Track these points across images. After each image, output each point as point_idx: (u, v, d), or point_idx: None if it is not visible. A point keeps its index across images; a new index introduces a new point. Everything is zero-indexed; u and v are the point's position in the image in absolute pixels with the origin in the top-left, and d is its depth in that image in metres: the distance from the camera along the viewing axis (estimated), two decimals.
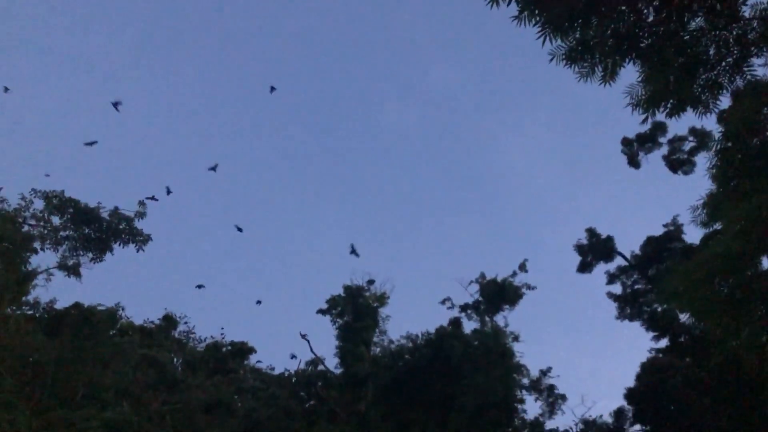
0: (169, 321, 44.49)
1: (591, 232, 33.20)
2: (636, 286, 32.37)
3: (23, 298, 31.38)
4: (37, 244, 29.92)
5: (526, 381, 33.07)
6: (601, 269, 33.84)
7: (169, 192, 30.16)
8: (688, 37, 9.34)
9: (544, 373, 33.70)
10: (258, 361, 45.69)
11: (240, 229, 31.70)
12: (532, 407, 35.27)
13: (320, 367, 38.64)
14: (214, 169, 28.04)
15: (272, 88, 28.12)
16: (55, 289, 31.47)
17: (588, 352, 69.43)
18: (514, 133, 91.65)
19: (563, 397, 33.18)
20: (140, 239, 29.99)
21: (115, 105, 22.82)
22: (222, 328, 52.35)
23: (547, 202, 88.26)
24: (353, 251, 35.46)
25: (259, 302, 37.71)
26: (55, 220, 29.92)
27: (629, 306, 31.63)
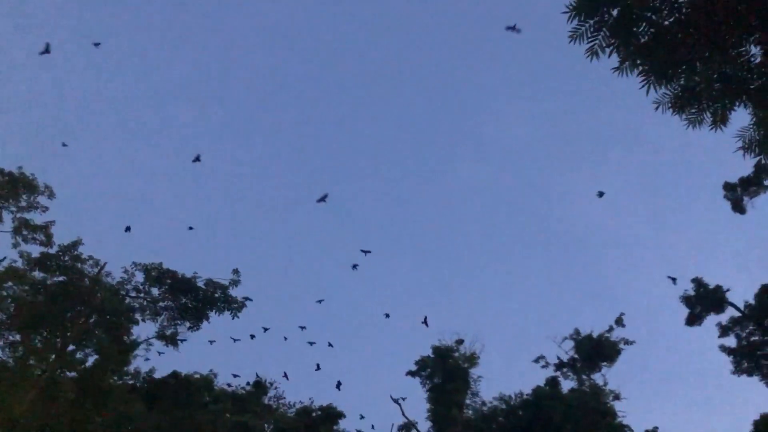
0: (260, 387, 44.91)
1: (698, 282, 31.44)
2: (752, 338, 30.38)
3: (125, 368, 32.41)
4: (138, 315, 31.16)
5: None
6: (712, 321, 31.87)
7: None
8: None
9: None
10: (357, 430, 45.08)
11: (366, 252, 30.61)
12: None
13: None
14: (323, 199, 26.84)
15: (324, 198, 27.15)
16: (154, 358, 32.32)
17: (698, 409, 65.03)
18: (591, 184, 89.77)
19: None
20: (235, 306, 30.77)
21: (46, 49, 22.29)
22: (311, 398, 52.14)
23: (635, 253, 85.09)
24: (425, 322, 35.00)
25: (318, 368, 37.04)
26: (154, 291, 31.19)
27: (746, 359, 29.66)
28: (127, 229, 29.08)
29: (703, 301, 30.23)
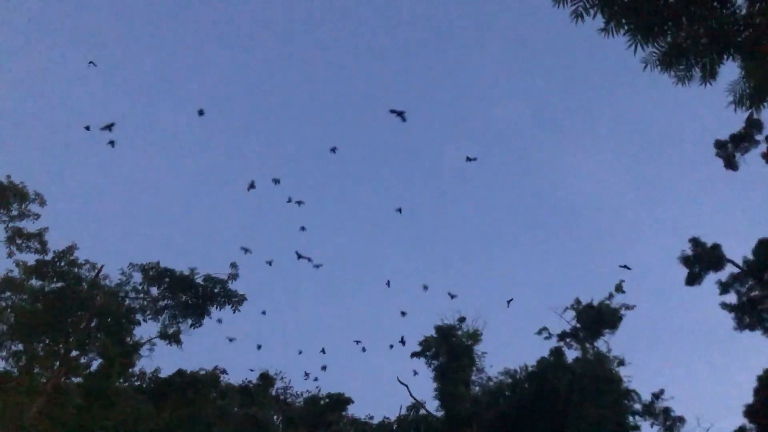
0: (266, 379, 45.06)
1: (695, 242, 31.41)
2: (753, 293, 30.44)
3: (130, 370, 32.40)
4: (138, 316, 31.10)
5: (638, 406, 31.50)
6: (711, 279, 31.76)
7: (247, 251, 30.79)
8: None
9: (657, 396, 31.96)
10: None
11: (400, 210, 31.19)
12: None
13: (421, 412, 38.06)
14: (293, 202, 28.60)
15: (333, 149, 28.41)
16: (158, 358, 32.39)
17: (703, 368, 65.55)
18: (582, 155, 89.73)
19: (681, 420, 31.35)
20: (236, 300, 30.75)
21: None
22: (318, 386, 52.36)
23: (632, 220, 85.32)
24: (401, 341, 35.25)
25: (323, 351, 36.80)
26: (154, 291, 31.13)
27: (747, 315, 29.75)
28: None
29: (702, 260, 30.27)
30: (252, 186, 27.84)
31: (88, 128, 27.05)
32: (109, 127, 26.00)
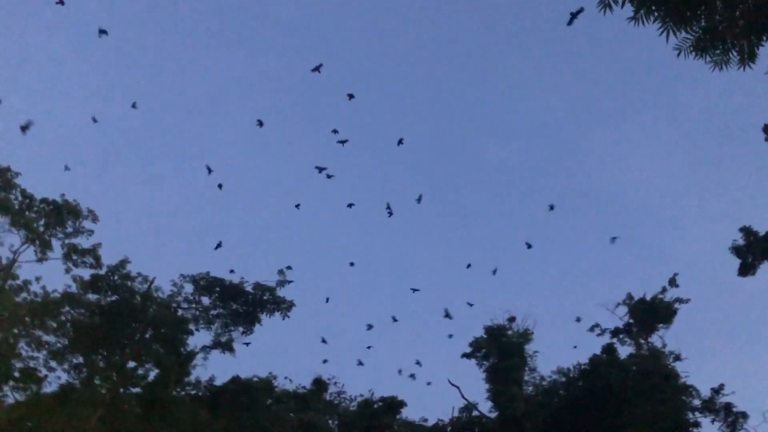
0: (320, 384, 45.41)
1: (747, 231, 30.21)
2: None
3: (185, 379, 33.09)
4: (191, 326, 31.79)
5: (697, 402, 30.58)
6: (766, 269, 30.53)
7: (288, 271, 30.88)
8: None
9: (717, 391, 30.92)
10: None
11: (419, 200, 30.50)
12: (710, 430, 32.40)
13: (474, 413, 37.76)
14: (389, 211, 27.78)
15: (400, 141, 27.77)
16: (212, 366, 32.95)
17: (764, 359, 63.08)
18: (628, 146, 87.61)
19: (744, 415, 30.25)
20: (284, 306, 31.15)
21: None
22: (371, 390, 52.45)
23: (680, 211, 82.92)
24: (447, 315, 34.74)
25: (369, 347, 36.16)
26: (205, 301, 31.79)
27: None
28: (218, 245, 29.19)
29: (755, 249, 29.20)
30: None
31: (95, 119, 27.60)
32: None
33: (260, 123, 26.07)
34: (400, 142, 27.54)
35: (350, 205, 29.19)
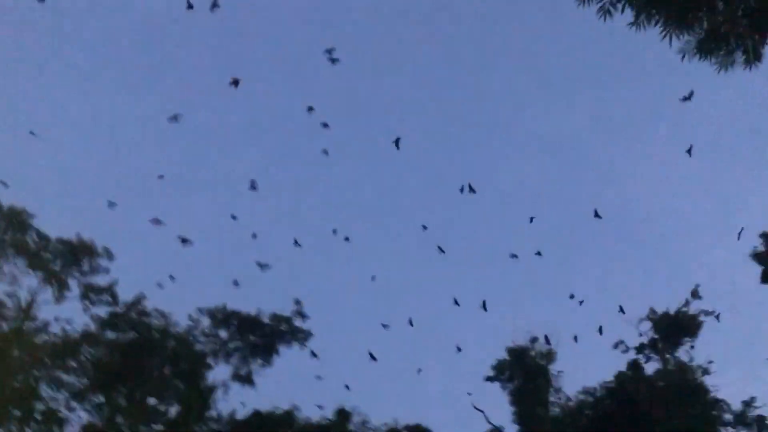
0: (342, 414, 44.96)
1: (767, 237, 29.90)
2: None
3: (207, 414, 32.87)
4: (210, 360, 31.67)
5: (729, 416, 29.90)
6: None
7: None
8: None
9: (748, 404, 30.26)
10: None
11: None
12: None
13: None
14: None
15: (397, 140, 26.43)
16: (233, 400, 32.61)
17: None
18: (640, 161, 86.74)
19: None
20: (301, 336, 31.01)
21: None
22: (395, 418, 51.70)
23: (699, 223, 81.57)
24: (484, 306, 33.29)
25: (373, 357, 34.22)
26: (222, 334, 31.70)
27: None
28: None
29: None
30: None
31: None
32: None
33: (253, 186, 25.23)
34: (396, 141, 25.46)
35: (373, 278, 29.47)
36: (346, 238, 28.20)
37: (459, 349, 30.93)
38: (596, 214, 26.85)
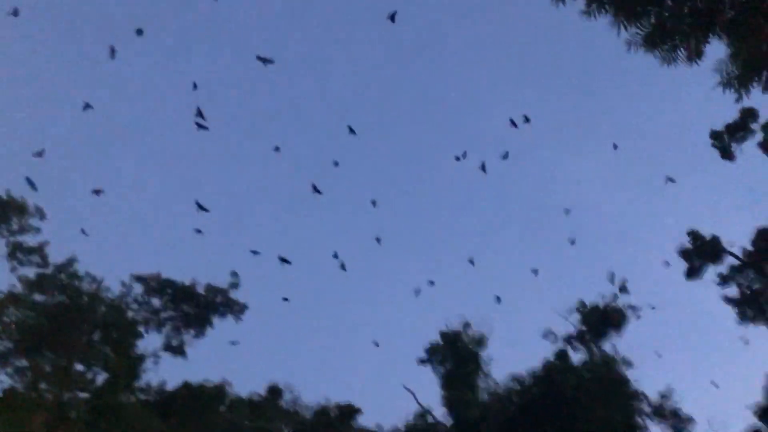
0: (275, 391, 44.85)
1: (694, 235, 31.09)
2: (754, 286, 30.14)
3: (135, 384, 32.29)
4: (141, 328, 31.07)
5: (647, 408, 31.18)
6: (712, 272, 31.55)
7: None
8: None
9: (665, 396, 31.66)
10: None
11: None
12: None
13: (429, 419, 37.73)
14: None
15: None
16: (163, 371, 32.11)
17: (710, 365, 64.75)
18: (576, 159, 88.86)
19: (690, 421, 31.00)
20: (237, 309, 30.71)
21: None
22: (326, 397, 52.07)
23: (630, 218, 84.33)
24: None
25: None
26: (155, 302, 31.10)
27: (750, 308, 29.42)
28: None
29: (701, 252, 29.99)
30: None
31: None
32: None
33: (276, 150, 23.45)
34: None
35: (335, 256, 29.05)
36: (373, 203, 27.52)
37: (377, 345, 31.31)
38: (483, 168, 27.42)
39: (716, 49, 9.22)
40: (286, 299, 29.92)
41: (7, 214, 29.10)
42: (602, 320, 33.60)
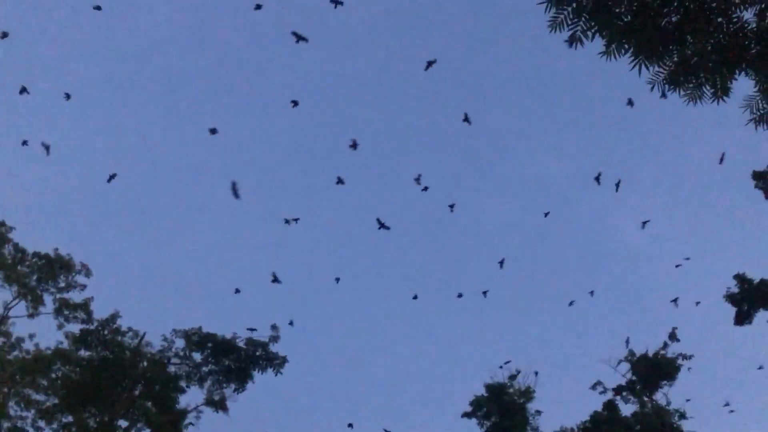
0: None
1: (741, 279, 29.77)
2: None
3: None
4: (183, 383, 31.12)
5: None
6: (762, 317, 29.92)
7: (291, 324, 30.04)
8: None
9: None
10: None
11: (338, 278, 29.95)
12: None
13: None
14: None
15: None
16: (204, 425, 31.94)
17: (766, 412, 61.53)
18: (623, 207, 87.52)
19: None
20: (277, 362, 30.55)
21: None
22: None
23: (674, 264, 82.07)
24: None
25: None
26: (197, 357, 31.20)
27: None
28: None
29: (750, 296, 28.71)
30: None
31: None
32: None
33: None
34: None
35: (337, 280, 29.28)
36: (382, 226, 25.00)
37: (350, 426, 30.69)
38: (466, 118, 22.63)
39: (745, 85, 9.00)
40: (291, 323, 29.79)
41: (54, 271, 29.88)
42: (653, 370, 32.42)
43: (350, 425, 30.53)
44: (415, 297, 30.15)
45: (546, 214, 27.04)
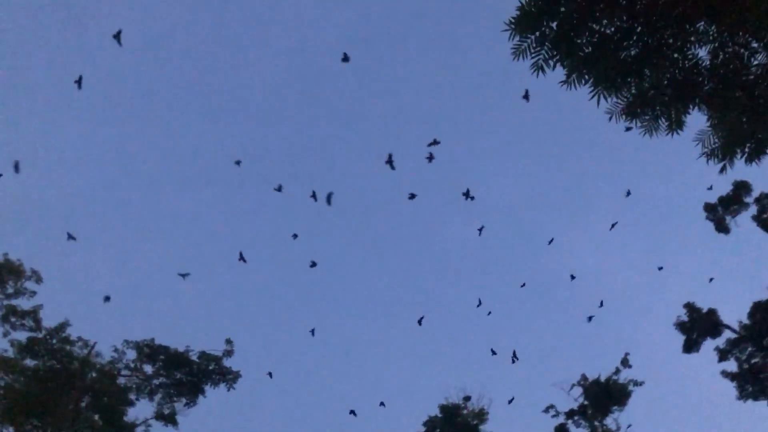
0: None
1: (691, 308, 30.51)
2: (753, 360, 29.25)
3: None
4: (132, 395, 30.39)
5: None
6: (710, 346, 30.83)
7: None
8: (752, 76, 8.91)
9: None
10: None
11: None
12: None
13: None
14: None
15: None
16: None
17: None
18: (579, 230, 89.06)
19: None
20: (230, 377, 30.09)
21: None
22: None
23: (628, 290, 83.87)
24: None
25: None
26: (148, 369, 30.49)
27: (749, 383, 28.51)
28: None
29: (698, 326, 29.36)
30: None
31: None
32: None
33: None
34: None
35: (313, 264, 27.31)
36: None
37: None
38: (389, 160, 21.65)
39: (699, 120, 9.29)
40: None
41: (2, 276, 28.94)
42: (605, 395, 32.84)
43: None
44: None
45: (480, 230, 26.17)
